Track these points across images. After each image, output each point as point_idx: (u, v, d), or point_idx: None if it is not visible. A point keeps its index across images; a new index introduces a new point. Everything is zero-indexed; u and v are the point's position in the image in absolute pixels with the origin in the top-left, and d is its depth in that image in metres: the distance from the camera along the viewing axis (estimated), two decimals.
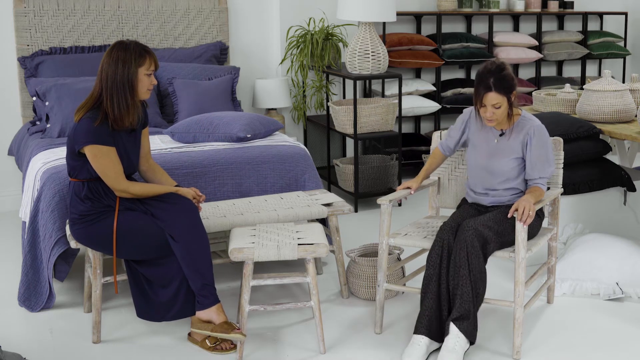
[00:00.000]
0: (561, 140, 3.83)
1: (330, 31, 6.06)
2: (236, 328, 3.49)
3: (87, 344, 3.64)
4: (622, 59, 7.54)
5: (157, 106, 5.33)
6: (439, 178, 4.04)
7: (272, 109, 6.11)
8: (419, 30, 6.75)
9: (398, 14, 6.42)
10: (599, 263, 4.14)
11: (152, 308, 3.58)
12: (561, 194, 3.99)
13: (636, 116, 4.63)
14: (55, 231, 3.91)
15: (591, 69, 7.58)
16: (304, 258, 3.49)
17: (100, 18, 5.66)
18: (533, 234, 3.66)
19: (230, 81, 5.53)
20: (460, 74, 7.01)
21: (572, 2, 7.20)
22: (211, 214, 3.92)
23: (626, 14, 7.47)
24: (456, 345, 3.36)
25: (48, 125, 4.95)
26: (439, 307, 3.45)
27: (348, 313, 3.96)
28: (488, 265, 4.39)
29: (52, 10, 5.54)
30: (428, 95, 6.63)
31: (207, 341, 3.55)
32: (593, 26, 7.49)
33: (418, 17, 6.73)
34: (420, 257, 4.13)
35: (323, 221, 4.43)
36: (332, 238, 4.12)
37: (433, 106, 6.43)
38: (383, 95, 6.22)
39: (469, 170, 3.76)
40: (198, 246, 3.50)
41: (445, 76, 6.89)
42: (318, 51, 5.97)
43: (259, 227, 3.76)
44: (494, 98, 3.47)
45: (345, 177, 5.79)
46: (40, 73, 5.37)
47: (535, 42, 6.90)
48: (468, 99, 6.60)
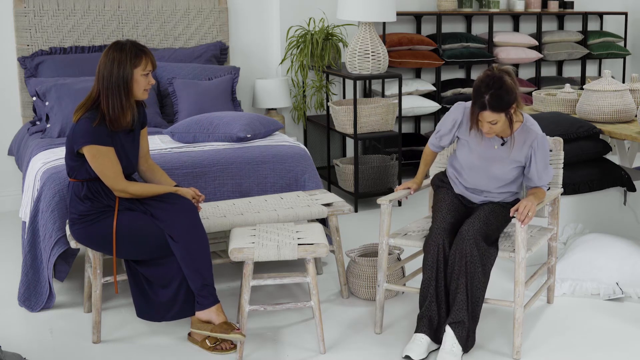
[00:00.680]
0: (561, 140, 3.82)
1: (330, 31, 6.06)
2: (236, 328, 3.49)
3: (87, 344, 3.64)
4: (622, 59, 7.54)
5: (157, 106, 5.33)
6: None
7: (272, 109, 6.11)
8: (419, 30, 6.75)
9: (398, 14, 6.42)
10: (599, 263, 4.14)
11: (152, 308, 3.58)
12: (561, 194, 3.99)
13: (636, 116, 4.63)
14: (55, 231, 3.91)
15: (591, 69, 7.58)
16: (304, 258, 3.49)
17: (100, 18, 5.66)
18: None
19: (230, 81, 5.53)
20: (460, 74, 7.01)
21: (572, 2, 7.20)
22: (211, 214, 3.92)
23: (626, 14, 7.47)
24: (454, 347, 3.36)
25: (48, 125, 4.95)
26: (439, 309, 3.46)
27: (348, 313, 3.96)
28: None
29: (52, 10, 5.54)
30: (428, 95, 6.64)
31: (207, 341, 3.55)
32: (593, 26, 7.49)
33: (418, 17, 6.73)
34: (420, 257, 4.12)
35: (323, 221, 4.43)
36: (332, 238, 4.12)
37: (433, 106, 6.43)
38: (383, 95, 6.23)
39: (461, 167, 3.68)
40: (198, 246, 3.50)
41: (445, 76, 6.89)
42: (318, 51, 5.97)
43: (259, 227, 3.76)
44: (489, 116, 3.40)
45: (345, 177, 5.79)
46: (40, 73, 5.37)
47: (535, 42, 6.90)
48: (468, 99, 6.52)
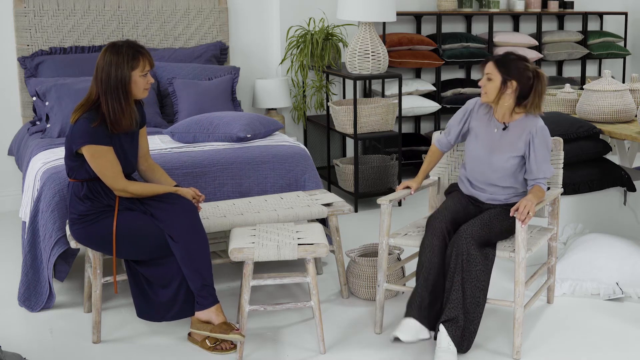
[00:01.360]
0: (561, 140, 3.83)
1: (330, 31, 6.06)
2: (235, 328, 3.49)
3: (87, 344, 3.64)
4: (622, 59, 7.54)
5: (157, 106, 5.33)
6: (439, 178, 4.04)
7: (272, 109, 6.11)
8: (419, 30, 6.75)
9: (398, 14, 6.43)
10: (599, 263, 4.14)
11: (152, 308, 3.58)
12: (561, 194, 3.99)
13: (636, 116, 4.63)
14: (55, 231, 3.91)
15: (591, 69, 7.59)
16: (304, 258, 3.49)
17: (100, 18, 5.66)
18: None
19: (230, 81, 5.54)
20: (460, 74, 7.01)
21: (572, 2, 7.20)
22: (211, 214, 3.92)
23: (626, 14, 7.47)
24: (450, 345, 3.37)
25: (48, 125, 4.95)
26: (431, 295, 3.45)
27: (348, 313, 3.96)
28: None
29: (52, 10, 5.54)
30: (428, 95, 6.64)
31: (207, 341, 3.55)
32: (593, 26, 7.49)
33: (418, 17, 6.73)
34: None
35: (323, 221, 4.43)
36: (332, 238, 4.12)
37: (433, 106, 6.43)
38: (383, 95, 6.23)
39: (467, 160, 3.75)
40: (197, 247, 3.50)
41: (445, 76, 6.89)
42: (318, 51, 5.97)
43: (259, 227, 3.76)
44: (489, 67, 3.61)
45: (345, 177, 5.79)
46: (40, 73, 5.37)
47: (535, 42, 6.90)
48: (468, 99, 6.57)
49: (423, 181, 3.91)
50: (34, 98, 5.15)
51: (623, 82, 7.37)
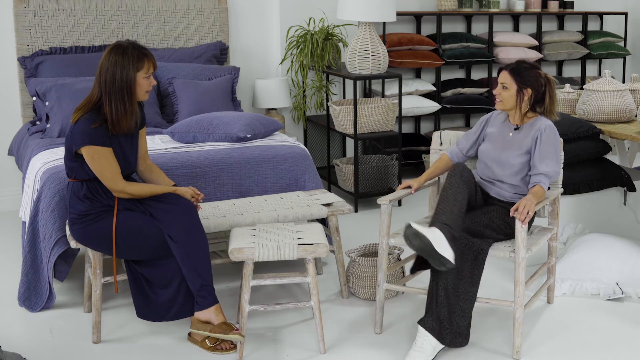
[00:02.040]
0: (561, 140, 3.83)
1: (330, 31, 6.06)
2: (235, 329, 3.49)
3: (87, 344, 3.64)
4: (622, 59, 7.54)
5: (157, 106, 5.33)
6: (439, 178, 4.04)
7: (272, 109, 6.11)
8: (419, 30, 6.75)
9: (398, 14, 6.42)
10: (599, 263, 4.14)
11: (152, 308, 3.58)
12: (561, 194, 3.99)
13: (636, 116, 4.63)
14: (55, 231, 3.91)
15: (591, 69, 7.58)
16: (304, 258, 3.49)
17: (100, 18, 5.66)
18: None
19: (230, 81, 5.53)
20: (460, 74, 7.01)
21: (572, 2, 7.20)
22: (211, 214, 3.92)
23: (626, 14, 7.47)
24: (424, 344, 3.38)
25: (48, 125, 4.95)
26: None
27: (348, 313, 3.96)
28: (488, 265, 4.40)
29: (52, 10, 5.54)
30: (428, 95, 6.63)
31: (207, 341, 3.55)
32: (593, 26, 7.49)
33: (418, 17, 6.73)
34: None
35: (323, 221, 4.43)
36: (332, 238, 4.12)
37: (433, 106, 6.43)
38: (383, 95, 6.22)
39: (480, 159, 3.81)
40: (197, 247, 3.50)
41: (445, 76, 6.89)
42: (318, 51, 5.97)
43: (259, 227, 3.76)
44: (503, 77, 3.69)
45: (345, 177, 5.79)
46: (40, 73, 5.37)
47: (535, 42, 6.90)
48: (468, 99, 6.60)
49: (425, 182, 3.91)
50: (34, 98, 5.15)
51: (623, 82, 7.37)
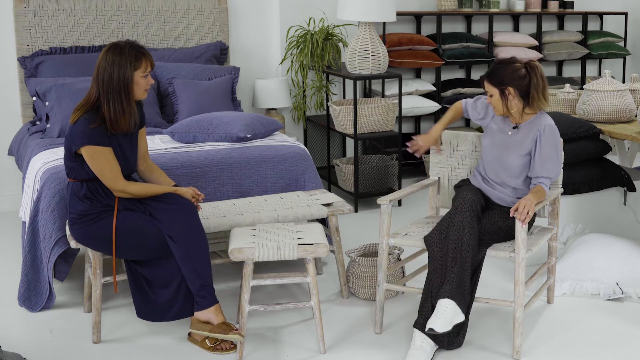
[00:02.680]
0: (561, 140, 3.83)
1: (330, 31, 6.06)
2: (234, 329, 3.49)
3: (87, 344, 3.64)
4: (622, 59, 7.54)
5: (157, 106, 5.33)
6: (439, 178, 4.04)
7: (272, 109, 6.11)
8: (419, 30, 6.75)
9: (398, 14, 6.42)
10: (599, 263, 4.14)
11: (152, 308, 3.58)
12: (561, 194, 3.99)
13: (636, 116, 4.63)
14: (55, 231, 3.91)
15: (591, 69, 7.58)
16: (304, 258, 3.49)
17: (100, 18, 5.66)
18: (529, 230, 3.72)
19: (230, 81, 5.53)
20: (460, 74, 7.01)
21: (572, 2, 7.20)
22: (211, 214, 3.92)
23: (626, 14, 7.47)
24: (423, 343, 3.38)
25: (48, 125, 4.95)
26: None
27: (348, 313, 3.96)
28: (488, 265, 4.40)
29: (52, 10, 5.54)
30: (428, 95, 6.63)
31: (207, 341, 3.55)
32: (593, 26, 7.49)
33: (418, 17, 6.73)
34: (420, 257, 4.13)
35: (323, 221, 4.43)
36: (332, 238, 4.12)
37: (433, 106, 6.43)
38: (383, 95, 6.23)
39: (482, 158, 3.79)
40: (196, 247, 3.49)
41: (445, 76, 6.89)
42: (318, 51, 5.97)
43: (259, 227, 3.76)
44: (485, 86, 3.68)
45: (345, 177, 5.79)
46: (40, 73, 5.37)
47: (535, 42, 6.90)
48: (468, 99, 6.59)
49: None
50: (34, 98, 5.15)
51: (623, 82, 7.37)
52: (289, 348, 3.59)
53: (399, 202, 5.80)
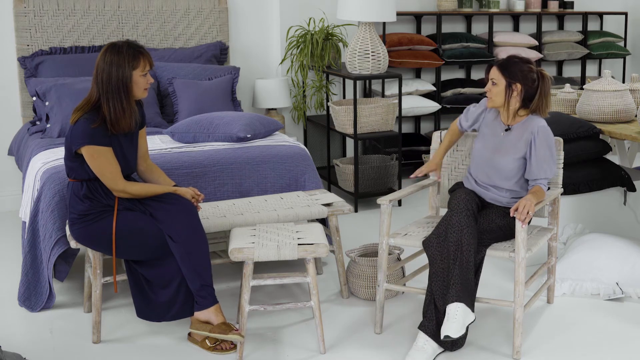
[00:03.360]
0: (561, 140, 3.83)
1: (330, 31, 6.06)
2: (234, 329, 3.49)
3: (87, 344, 3.64)
4: (622, 59, 7.54)
5: (157, 106, 5.33)
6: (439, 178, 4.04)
7: (272, 109, 6.11)
8: (419, 30, 6.75)
9: (398, 14, 6.43)
10: (599, 263, 4.14)
11: (152, 308, 3.58)
12: (561, 194, 3.99)
13: (636, 116, 4.63)
14: (55, 231, 3.91)
15: (591, 69, 7.58)
16: (304, 258, 3.49)
17: (100, 18, 5.66)
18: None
19: (230, 81, 5.53)
20: (460, 74, 7.01)
21: (572, 2, 7.20)
22: (211, 214, 3.92)
23: (626, 14, 7.47)
24: (425, 344, 3.38)
25: (48, 125, 4.95)
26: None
27: (348, 313, 3.96)
28: (488, 265, 4.40)
29: (52, 10, 5.54)
30: (428, 95, 6.63)
31: (207, 341, 3.55)
32: (593, 26, 7.49)
33: (418, 17, 6.73)
34: (420, 257, 4.13)
35: (323, 221, 4.43)
36: (332, 238, 4.12)
37: (433, 106, 6.43)
38: (383, 95, 6.23)
39: (473, 158, 3.78)
40: (197, 247, 3.49)
41: (445, 76, 6.89)
42: (318, 51, 5.97)
43: (259, 227, 3.76)
44: (492, 72, 3.64)
45: (345, 177, 5.79)
46: (40, 73, 5.37)
47: (535, 42, 6.90)
48: (468, 99, 6.59)
49: (429, 172, 3.93)
50: (34, 98, 5.15)
51: (623, 82, 7.37)
52: (289, 348, 3.59)
53: (399, 202, 5.80)
